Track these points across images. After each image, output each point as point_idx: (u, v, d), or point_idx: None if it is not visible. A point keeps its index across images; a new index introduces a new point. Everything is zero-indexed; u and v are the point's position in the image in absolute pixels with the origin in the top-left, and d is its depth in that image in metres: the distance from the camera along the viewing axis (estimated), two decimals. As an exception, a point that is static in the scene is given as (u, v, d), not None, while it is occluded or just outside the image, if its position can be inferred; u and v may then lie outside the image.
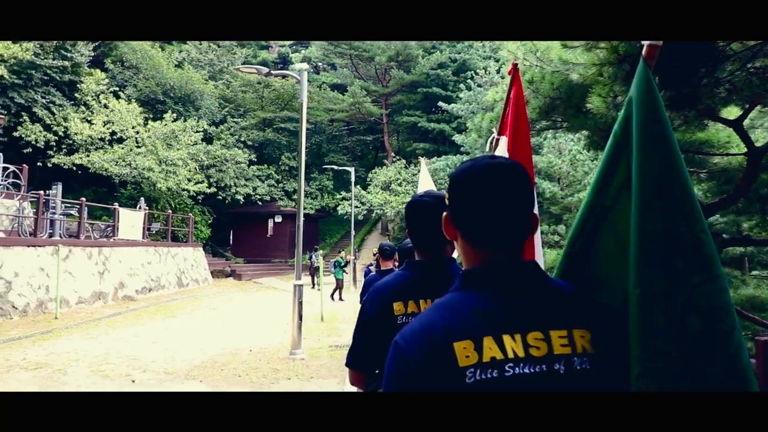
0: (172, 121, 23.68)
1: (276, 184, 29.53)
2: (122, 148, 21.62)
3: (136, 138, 22.21)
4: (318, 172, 32.06)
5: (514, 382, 0.90)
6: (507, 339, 0.92)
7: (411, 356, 0.91)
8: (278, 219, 29.09)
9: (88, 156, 21.42)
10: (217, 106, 29.53)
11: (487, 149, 3.59)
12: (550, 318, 0.96)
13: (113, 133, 22.38)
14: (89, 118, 22.33)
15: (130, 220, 17.76)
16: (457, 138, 18.58)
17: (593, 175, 11.43)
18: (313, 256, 22.19)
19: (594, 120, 5.86)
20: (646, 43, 1.17)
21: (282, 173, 30.21)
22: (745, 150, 5.24)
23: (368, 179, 27.70)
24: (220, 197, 26.50)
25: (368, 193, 26.46)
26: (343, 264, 18.56)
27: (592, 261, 1.18)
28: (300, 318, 8.54)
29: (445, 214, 1.08)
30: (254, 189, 28.13)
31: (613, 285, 1.13)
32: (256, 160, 28.80)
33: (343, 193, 27.75)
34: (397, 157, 29.05)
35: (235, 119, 29.73)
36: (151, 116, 24.22)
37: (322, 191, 31.40)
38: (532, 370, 0.91)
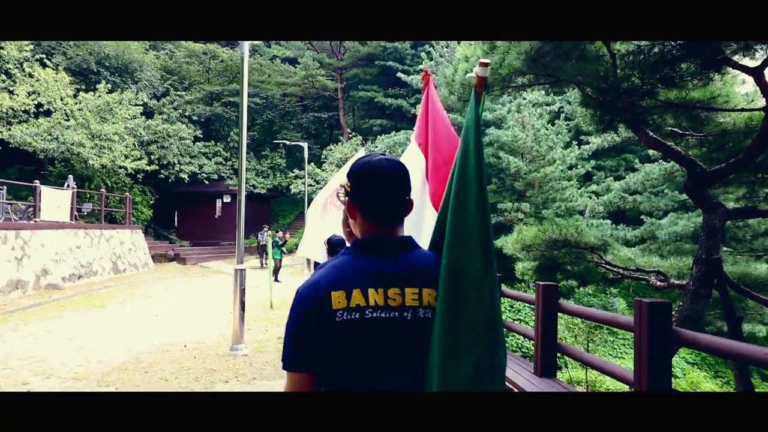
0: (107, 93, 21.58)
1: (224, 162, 27.73)
2: (48, 121, 19.47)
3: (65, 110, 20.06)
4: (270, 150, 30.43)
5: (371, 322, 1.28)
6: (371, 291, 1.30)
7: (304, 300, 1.31)
8: (227, 199, 27.37)
9: (9, 129, 19.20)
10: (159, 78, 27.31)
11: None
12: (408, 278, 1.32)
13: (39, 105, 20.11)
14: (11, 88, 20.01)
15: (55, 200, 15.89)
16: (420, 109, 17.49)
17: (557, 150, 10.63)
18: (259, 235, 21.01)
19: (593, 65, 4.89)
20: (476, 74, 1.42)
21: (231, 150, 28.40)
22: (759, 105, 4.36)
23: (323, 157, 26.37)
24: (162, 176, 24.57)
25: (323, 170, 25.16)
26: (281, 244, 17.51)
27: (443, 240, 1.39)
28: (242, 308, 7.37)
29: (348, 198, 1.41)
30: (200, 167, 26.27)
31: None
32: (202, 136, 26.88)
33: (296, 171, 26.33)
34: (353, 134, 27.80)
35: (179, 92, 27.61)
36: (83, 87, 22.01)
37: (275, 170, 29.81)
38: (386, 315, 1.29)
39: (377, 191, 1.35)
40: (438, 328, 1.25)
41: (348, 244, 2.11)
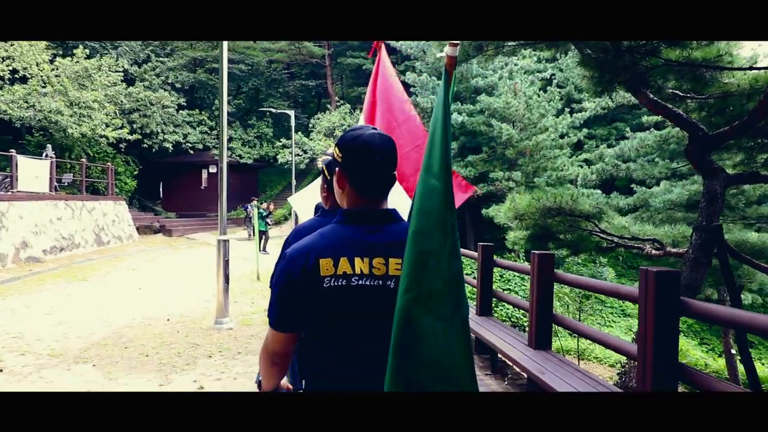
0: (85, 59, 20.79)
1: (209, 131, 27.09)
2: (24, 88, 18.73)
3: (41, 77, 19.30)
4: (256, 119, 29.77)
5: (357, 289, 1.35)
6: (357, 260, 1.35)
7: (293, 266, 1.36)
8: (213, 169, 26.87)
9: (-18, 97, 18.47)
10: (140, 44, 26.40)
11: (361, 119, 3.81)
12: (392, 249, 1.38)
13: (14, 71, 19.34)
14: (-17, 54, 19.20)
15: (33, 170, 15.39)
16: (409, 77, 17.06)
17: (549, 118, 10.34)
18: (248, 207, 20.71)
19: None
20: (446, 53, 1.43)
21: (216, 119, 27.67)
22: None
23: (310, 126, 25.83)
24: (145, 145, 23.96)
25: (311, 140, 24.67)
26: (265, 215, 17.29)
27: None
28: (226, 280, 7.12)
29: (338, 168, 1.45)
30: (185, 136, 25.64)
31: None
32: (186, 104, 26.15)
33: (284, 141, 25.80)
34: (342, 102, 27.21)
35: (161, 59, 26.74)
36: (60, 53, 21.18)
37: (261, 139, 29.23)
38: (371, 283, 1.36)
39: (368, 165, 1.39)
40: (400, 296, 1.28)
41: (325, 207, 2.25)
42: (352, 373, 1.38)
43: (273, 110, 24.50)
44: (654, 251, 6.34)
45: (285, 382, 1.57)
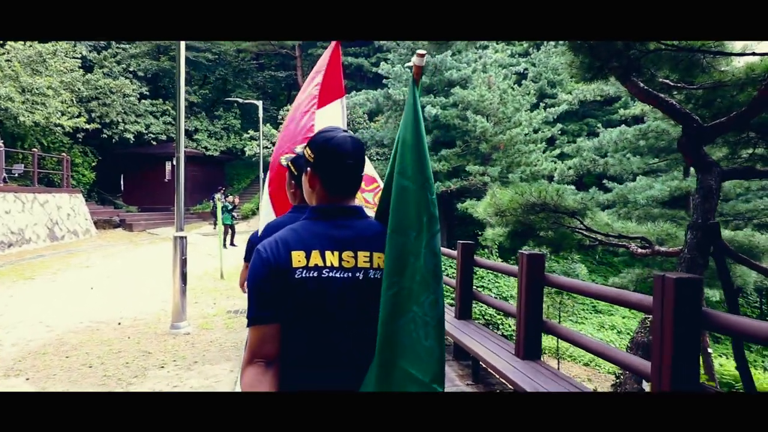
0: (39, 42, 19.57)
1: (173, 122, 25.98)
2: (-30, 74, 17.50)
3: (-9, 61, 18.05)
4: (223, 110, 28.79)
5: (327, 280, 1.38)
6: (328, 253, 1.40)
7: (266, 258, 1.39)
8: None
9: (-76, 82, 17.16)
10: (99, 29, 25.11)
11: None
12: (359, 243, 1.44)
13: (-37, 56, 18.10)
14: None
15: (-22, 160, 14.32)
16: (383, 68, 16.56)
17: (523, 112, 10.02)
18: (213, 199, 20.02)
19: None
20: (414, 63, 1.52)
21: (180, 110, 26.70)
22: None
23: (279, 117, 25.05)
24: (105, 135, 22.82)
25: (279, 131, 23.91)
26: (230, 208, 16.62)
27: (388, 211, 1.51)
28: (183, 280, 6.53)
29: (309, 169, 1.50)
30: (147, 127, 24.54)
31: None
32: (148, 93, 25.06)
33: (252, 132, 24.97)
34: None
35: (123, 45, 25.51)
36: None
37: (228, 131, 28.30)
38: (341, 275, 1.40)
39: (339, 167, 1.45)
40: (383, 292, 1.36)
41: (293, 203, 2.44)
42: (321, 375, 1.39)
43: (240, 100, 23.62)
44: (640, 249, 6.04)
45: None
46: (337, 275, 1.39)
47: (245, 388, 1.35)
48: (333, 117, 3.73)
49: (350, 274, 1.41)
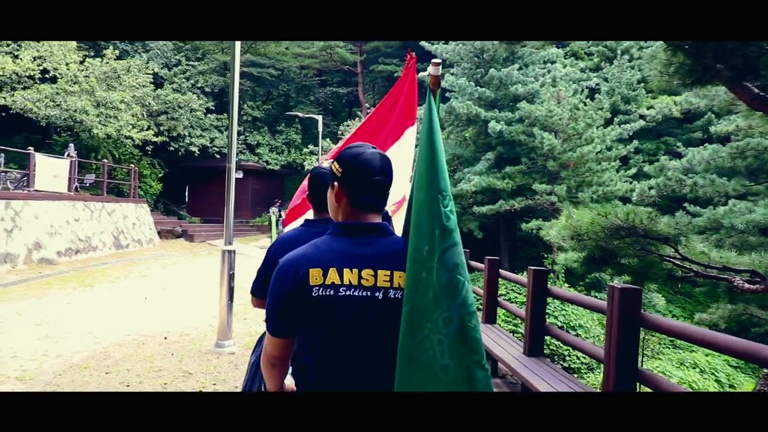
0: (115, 59, 20.51)
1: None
2: (52, 87, 18.45)
3: (70, 77, 19.01)
4: (285, 125, 29.18)
5: (344, 299, 1.37)
6: (346, 271, 1.38)
7: (285, 275, 1.40)
8: (239, 175, 26.27)
9: (12, 95, 18.24)
10: (172, 48, 26.18)
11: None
12: (380, 261, 1.41)
13: (45, 71, 19.14)
14: (16, 53, 19.01)
15: (51, 169, 14.93)
16: (448, 80, 16.07)
17: (595, 128, 9.43)
18: (270, 212, 20.10)
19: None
20: (430, 72, 1.54)
21: (244, 124, 27.24)
22: None
23: (340, 133, 25.03)
24: (172, 148, 23.55)
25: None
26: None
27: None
28: (230, 296, 6.20)
29: (336, 183, 1.48)
30: (212, 140, 25.17)
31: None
32: (214, 108, 25.74)
33: (311, 147, 25.06)
34: (372, 108, 26.36)
35: (192, 62, 26.43)
36: (92, 54, 20.96)
37: (289, 145, 28.60)
38: (359, 294, 1.38)
39: (367, 183, 1.44)
40: (403, 309, 1.35)
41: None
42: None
43: (300, 115, 23.79)
44: (747, 284, 5.14)
45: (289, 383, 1.58)
46: (356, 294, 1.37)
47: (270, 389, 1.55)
48: (404, 154, 3.53)
49: (369, 293, 1.39)
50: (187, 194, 27.08)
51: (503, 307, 6.30)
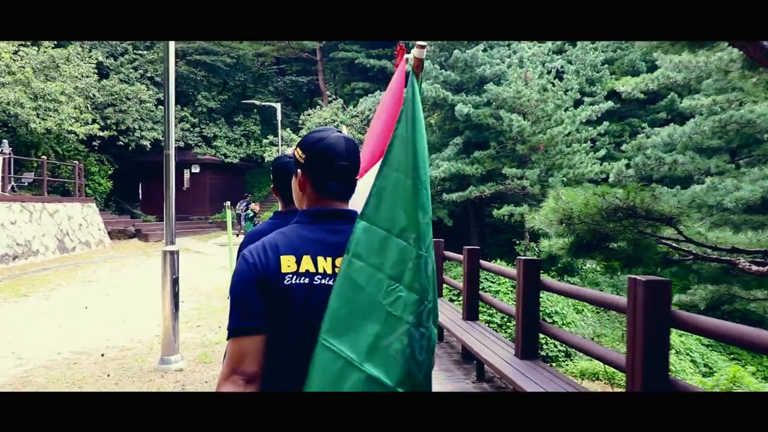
0: (53, 48, 18.98)
1: (191, 128, 25.26)
2: (-20, 79, 16.89)
3: (2, 67, 17.42)
4: (243, 116, 27.95)
5: (320, 288, 1.26)
6: (320, 259, 1.29)
7: (252, 263, 1.27)
8: (195, 169, 25.06)
9: (-65, 89, 16.59)
10: (117, 35, 24.58)
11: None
12: None
13: (-25, 62, 17.54)
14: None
15: (-19, 168, 13.55)
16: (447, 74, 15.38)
17: (563, 111, 8.90)
18: (245, 204, 19.35)
19: None
20: (414, 55, 1.49)
21: (199, 115, 25.91)
22: None
23: (300, 122, 24.06)
24: (121, 143, 22.12)
25: (300, 137, 22.91)
26: (251, 216, 15.64)
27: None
28: (175, 305, 5.37)
29: (299, 170, 1.39)
30: (164, 133, 23.78)
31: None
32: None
33: (271, 138, 24.01)
34: (334, 96, 25.52)
35: (140, 51, 24.89)
36: (28, 44, 19.32)
37: (248, 137, 27.42)
38: (334, 283, 1.26)
39: (331, 169, 1.35)
40: (379, 302, 1.24)
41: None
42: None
43: (258, 103, 22.73)
44: (755, 267, 4.66)
45: None
46: (330, 283, 1.28)
47: None
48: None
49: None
50: (140, 191, 25.63)
51: (487, 302, 5.69)
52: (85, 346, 6.12)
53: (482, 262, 5.85)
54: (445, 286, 8.17)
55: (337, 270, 1.28)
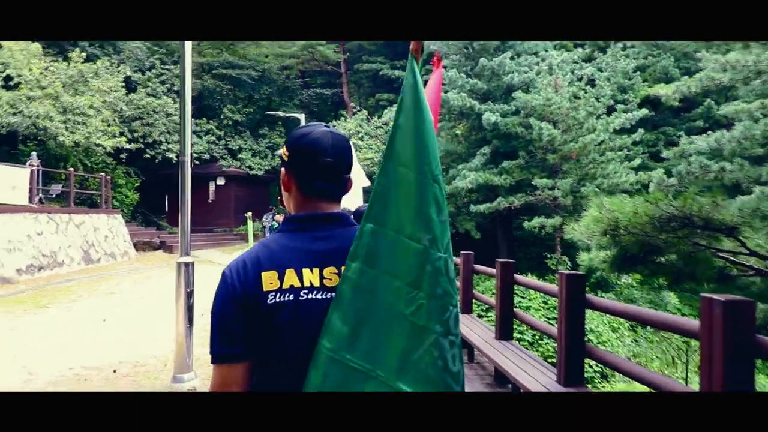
0: (82, 63, 19.28)
1: (217, 141, 25.37)
2: (12, 94, 17.17)
3: (33, 81, 17.73)
4: (268, 128, 28.02)
5: (307, 304, 1.15)
6: (306, 271, 1.17)
7: (231, 283, 1.16)
8: (221, 181, 25.10)
9: (-31, 103, 16.94)
10: (146, 51, 24.98)
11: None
12: (344, 256, 1.17)
13: (8, 78, 17.88)
14: (-26, 59, 17.75)
15: (10, 180, 13.67)
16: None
17: (595, 118, 8.38)
18: (264, 217, 19.21)
19: None
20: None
21: (224, 128, 26.02)
22: None
23: (325, 134, 23.90)
24: (148, 156, 22.29)
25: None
26: (277, 227, 15.40)
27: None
28: (190, 320, 5.08)
29: (283, 168, 1.30)
30: (190, 146, 23.92)
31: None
32: (192, 112, 24.40)
33: (296, 150, 23.89)
34: (358, 108, 25.36)
35: (167, 66, 25.19)
36: (60, 60, 19.67)
37: (273, 149, 27.43)
38: (323, 296, 1.16)
39: (313, 167, 1.24)
40: (404, 311, 1.12)
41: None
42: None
43: (281, 114, 22.70)
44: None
45: None
46: (318, 296, 1.16)
47: None
48: None
49: (333, 295, 1.16)
50: (166, 203, 25.80)
51: (522, 320, 5.23)
52: (98, 361, 5.88)
53: (517, 276, 5.41)
54: (473, 301, 7.74)
55: (326, 282, 1.17)
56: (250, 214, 13.67)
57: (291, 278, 1.15)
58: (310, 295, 1.15)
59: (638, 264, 5.37)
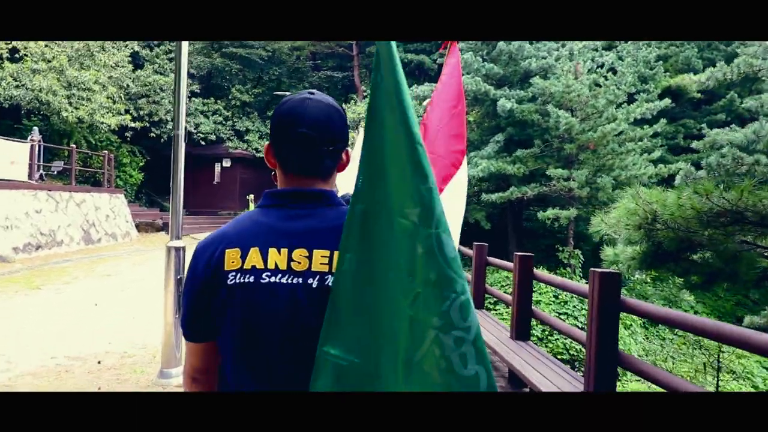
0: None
1: (224, 122, 24.90)
2: (16, 66, 16.78)
3: (40, 54, 17.31)
4: (277, 110, 27.50)
5: (268, 288, 1.02)
6: (273, 252, 1.04)
7: (199, 260, 1.08)
8: (226, 163, 24.70)
9: (-28, 76, 16.56)
10: (153, 27, 24.46)
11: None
12: (318, 238, 1.04)
13: (14, 50, 17.49)
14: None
15: (8, 154, 13.31)
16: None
17: (615, 107, 7.76)
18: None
19: None
20: None
21: (232, 109, 25.54)
22: None
23: (333, 117, 23.41)
24: (153, 135, 21.90)
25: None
26: None
27: None
28: (179, 309, 4.66)
29: (267, 143, 1.17)
30: (197, 126, 23.50)
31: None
32: (199, 91, 24.06)
33: (304, 133, 23.43)
34: (369, 92, 24.78)
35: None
36: (64, 31, 19.23)
37: (281, 132, 26.98)
38: (287, 281, 1.02)
39: (291, 137, 1.10)
40: (399, 307, 0.95)
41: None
42: None
43: (288, 94, 22.12)
44: None
45: None
46: (283, 281, 1.02)
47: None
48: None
49: (300, 280, 1.02)
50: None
51: (543, 320, 4.78)
52: (84, 350, 5.50)
53: (536, 272, 4.95)
54: (486, 296, 7.30)
55: (293, 264, 1.04)
56: (252, 197, 13.25)
57: (254, 258, 1.05)
58: (272, 279, 1.03)
59: (670, 261, 4.90)
